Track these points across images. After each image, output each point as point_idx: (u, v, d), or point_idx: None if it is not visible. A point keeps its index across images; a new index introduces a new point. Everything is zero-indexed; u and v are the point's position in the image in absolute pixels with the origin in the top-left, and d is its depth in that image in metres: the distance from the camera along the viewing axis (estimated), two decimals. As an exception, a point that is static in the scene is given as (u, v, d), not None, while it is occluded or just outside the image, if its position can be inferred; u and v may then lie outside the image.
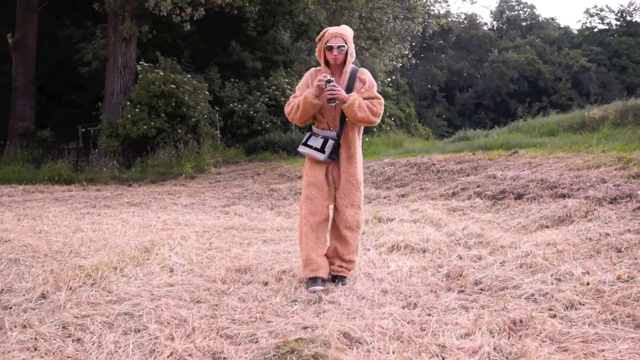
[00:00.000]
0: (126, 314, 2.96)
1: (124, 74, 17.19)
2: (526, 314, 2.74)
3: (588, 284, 3.07)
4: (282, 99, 20.35)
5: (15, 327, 2.78)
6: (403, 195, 7.94)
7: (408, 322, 2.78)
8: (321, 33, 3.95)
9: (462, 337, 2.57)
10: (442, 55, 51.04)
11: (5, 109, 21.21)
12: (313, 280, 3.72)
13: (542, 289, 3.10)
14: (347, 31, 3.94)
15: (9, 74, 21.31)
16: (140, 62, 17.05)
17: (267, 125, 19.93)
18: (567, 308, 2.83)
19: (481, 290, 3.27)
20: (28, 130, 20.52)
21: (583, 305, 2.83)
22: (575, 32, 58.85)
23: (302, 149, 4.01)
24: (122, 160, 16.35)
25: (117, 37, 16.84)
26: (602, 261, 3.48)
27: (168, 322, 2.83)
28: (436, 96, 51.02)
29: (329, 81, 3.70)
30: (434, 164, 9.64)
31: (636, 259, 3.42)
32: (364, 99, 3.86)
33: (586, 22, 58.58)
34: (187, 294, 3.39)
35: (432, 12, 19.91)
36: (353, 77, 3.94)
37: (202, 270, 4.04)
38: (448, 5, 64.20)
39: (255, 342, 2.56)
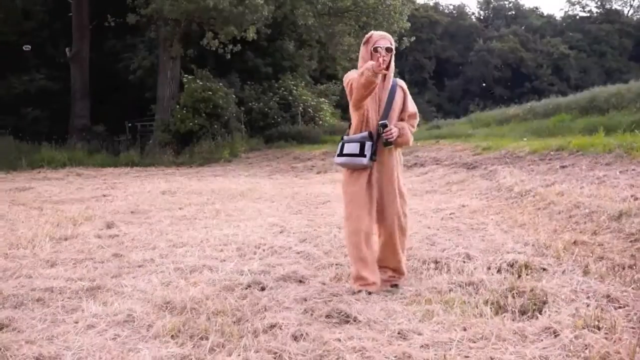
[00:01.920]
0: (267, 199, 10.06)
1: (171, 84, 24.25)
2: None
3: (410, 187, 10.20)
4: (290, 97, 27.51)
5: (237, 201, 9.86)
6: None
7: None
8: (367, 36, 4.17)
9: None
10: (432, 45, 58.04)
11: (65, 108, 28.20)
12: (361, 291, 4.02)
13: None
14: (390, 36, 4.17)
15: (68, 80, 28.30)
16: (185, 75, 24.09)
17: (279, 120, 27.04)
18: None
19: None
20: (85, 126, 27.51)
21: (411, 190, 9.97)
22: (559, 19, 65.85)
23: (339, 160, 4.22)
24: (174, 149, 23.49)
25: (166, 56, 23.86)
26: (423, 183, 10.62)
27: (281, 199, 9.93)
28: (427, 83, 58.13)
29: (384, 125, 4.02)
30: (392, 149, 16.96)
31: (432, 181, 10.62)
32: (409, 115, 4.27)
33: (568, 10, 65.68)
34: (282, 195, 10.44)
35: (406, 29, 26.76)
36: (395, 85, 4.20)
37: (280, 192, 11.10)
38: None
39: (308, 203, 9.70)
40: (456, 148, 14.34)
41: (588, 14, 64.23)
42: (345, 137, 4.26)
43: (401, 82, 4.32)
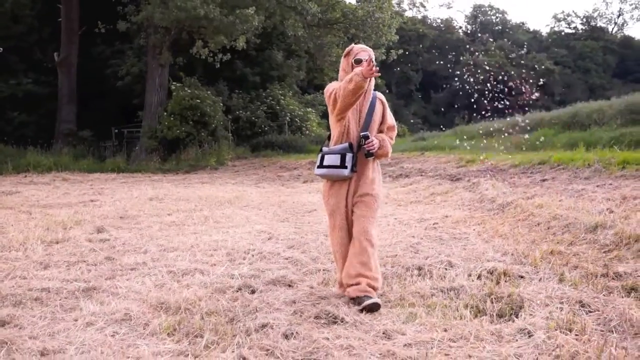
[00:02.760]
0: (254, 207, 10.24)
1: (159, 90, 24.39)
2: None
3: (395, 198, 10.42)
4: (277, 107, 27.75)
5: (225, 208, 10.04)
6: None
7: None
8: (348, 48, 4.27)
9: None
10: (419, 58, 58.60)
11: (52, 113, 28.22)
12: (361, 297, 3.98)
13: (385, 201, 10.47)
14: (371, 49, 4.25)
15: (55, 85, 28.32)
16: (173, 83, 24.24)
17: (266, 129, 27.24)
18: (386, 203, 10.17)
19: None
20: (72, 131, 27.54)
21: (388, 203, 10.19)
22: (545, 35, 66.79)
23: (319, 171, 4.25)
24: (160, 155, 23.60)
25: (155, 63, 24.01)
26: (408, 194, 10.87)
27: (268, 207, 10.12)
28: (413, 95, 58.65)
29: (366, 137, 4.08)
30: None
31: (417, 193, 10.87)
32: (387, 127, 4.34)
33: (554, 27, 66.64)
34: (269, 203, 10.65)
35: (394, 41, 27.15)
36: (374, 97, 4.28)
37: (267, 199, 11.30)
38: (426, 10, 71.80)
39: (294, 211, 9.90)
40: (441, 160, 14.62)
41: (573, 31, 65.22)
42: (324, 149, 4.30)
43: (380, 95, 4.40)
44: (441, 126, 42.67)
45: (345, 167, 4.10)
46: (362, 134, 4.13)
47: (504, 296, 4.00)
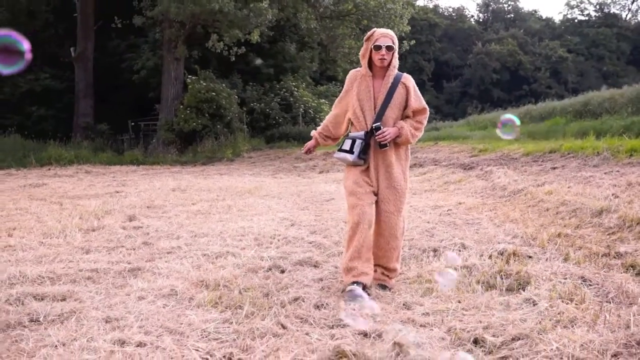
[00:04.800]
0: (274, 196, 10.68)
1: (175, 84, 24.88)
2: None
3: (410, 187, 10.84)
4: (291, 98, 28.19)
5: (246, 198, 10.49)
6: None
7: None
8: (369, 33, 4.19)
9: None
10: (431, 48, 58.79)
11: (70, 107, 28.84)
12: (353, 283, 4.04)
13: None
14: (394, 34, 4.17)
15: (72, 80, 28.92)
16: (189, 76, 24.71)
17: (280, 120, 27.70)
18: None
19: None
20: (89, 125, 28.14)
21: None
22: (557, 22, 66.63)
23: (335, 155, 4.34)
24: (178, 148, 24.12)
25: (170, 57, 24.48)
26: (423, 183, 11.27)
27: (289, 196, 10.56)
28: (425, 85, 58.83)
29: (377, 128, 4.08)
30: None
31: (430, 181, 11.27)
32: (413, 111, 4.23)
33: (567, 14, 66.50)
34: (288, 193, 11.09)
35: (406, 32, 27.44)
36: (397, 81, 4.17)
37: (286, 190, 11.73)
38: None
39: (315, 200, 10.35)
40: (454, 150, 14.99)
41: (586, 18, 65.06)
42: (349, 134, 4.30)
43: (405, 78, 4.26)
44: (454, 116, 43.01)
45: (352, 153, 4.13)
46: (373, 125, 4.11)
47: (513, 273, 4.41)
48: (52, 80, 29.50)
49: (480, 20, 67.31)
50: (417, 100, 4.28)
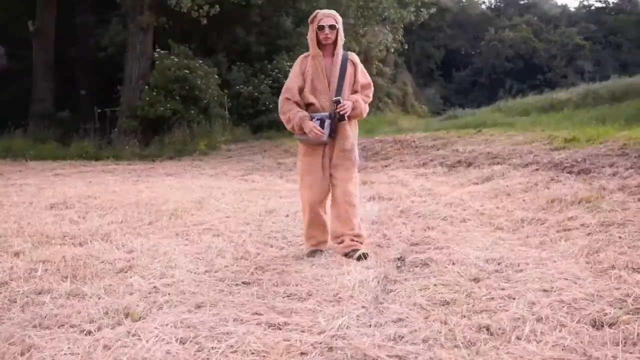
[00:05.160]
0: (208, 228, 5.18)
1: (141, 60, 19.30)
2: (436, 224, 4.99)
3: (477, 210, 5.31)
4: (285, 81, 22.47)
5: (152, 234, 4.99)
6: (386, 166, 10.21)
7: (369, 230, 5.02)
8: (312, 15, 4.24)
9: (400, 233, 4.82)
10: (440, 34, 52.88)
11: (26, 92, 23.29)
12: (313, 252, 4.19)
13: (451, 214, 5.35)
14: (337, 14, 4.23)
15: (29, 59, 23.36)
16: (157, 50, 19.13)
17: (271, 106, 22.00)
18: (460, 221, 5.07)
19: (417, 216, 5.51)
20: (48, 112, 22.63)
21: (470, 220, 5.08)
22: (573, 10, 60.70)
23: (299, 136, 4.21)
24: (140, 138, 18.55)
25: (135, 27, 18.92)
26: (494, 200, 5.73)
27: (234, 231, 5.05)
28: (433, 74, 53.01)
29: (337, 101, 4.03)
30: (414, 141, 11.91)
31: (512, 196, 5.68)
32: (361, 86, 4.24)
33: (584, 1, 60.43)
34: (240, 220, 5.60)
35: (424, 1, 21.87)
36: (345, 59, 4.19)
37: (243, 211, 6.25)
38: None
39: (285, 238, 4.79)
40: (516, 140, 9.40)
41: (604, 4, 58.96)
42: (311, 115, 4.14)
43: (352, 56, 4.31)
44: (463, 107, 37.13)
45: (323, 133, 4.05)
46: (333, 99, 4.10)
47: None
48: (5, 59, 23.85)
49: (492, 6, 61.22)
50: (364, 76, 4.35)
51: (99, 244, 4.53)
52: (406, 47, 25.53)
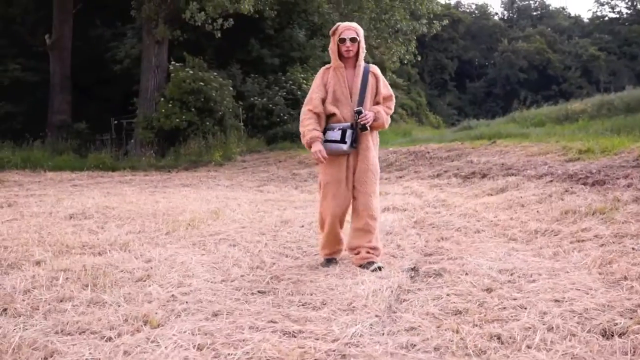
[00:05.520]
0: (224, 239, 5.25)
1: (157, 72, 19.52)
2: (450, 235, 5.03)
3: (491, 221, 5.34)
4: (299, 92, 22.59)
5: (169, 244, 5.07)
6: (400, 177, 10.26)
7: (383, 240, 5.07)
8: (334, 27, 4.21)
9: (414, 244, 4.86)
10: (453, 45, 52.93)
11: (44, 103, 23.59)
12: (328, 260, 4.27)
13: (465, 225, 5.38)
14: (358, 26, 4.22)
15: (47, 72, 23.66)
16: (172, 62, 19.33)
17: (285, 117, 22.14)
18: (474, 232, 5.10)
19: (432, 226, 5.55)
20: (65, 123, 22.90)
21: (484, 231, 5.11)
22: (586, 21, 60.45)
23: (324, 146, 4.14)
24: (156, 149, 18.73)
25: (150, 39, 19.16)
26: (508, 211, 5.76)
27: (250, 241, 5.12)
28: (447, 85, 53.04)
29: (359, 112, 4.06)
30: (428, 152, 11.94)
31: (526, 207, 5.70)
32: (383, 97, 4.27)
33: (597, 11, 60.19)
34: (256, 230, 5.67)
35: (436, 12, 21.93)
36: (366, 71, 4.21)
37: (259, 222, 6.32)
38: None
39: (300, 248, 4.85)
40: (530, 151, 9.41)
41: (617, 15, 58.71)
42: (327, 125, 4.20)
43: (373, 68, 4.30)
44: (477, 117, 36.98)
45: (345, 143, 4.08)
46: (355, 109, 4.11)
47: None
48: (23, 71, 24.16)
49: (505, 17, 61.16)
50: (386, 87, 4.35)
51: (118, 253, 4.62)
52: (419, 58, 25.54)
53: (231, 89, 20.41)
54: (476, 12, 57.86)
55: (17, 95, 23.88)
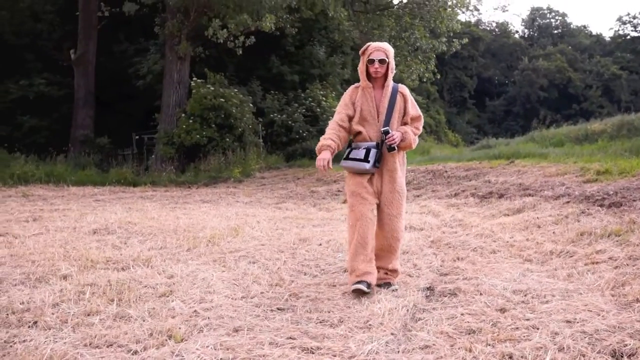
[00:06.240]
0: (244, 256, 5.38)
1: (178, 88, 19.84)
2: (466, 255, 5.11)
3: (507, 242, 5.42)
4: (318, 109, 22.84)
5: (190, 260, 5.22)
6: (418, 196, 10.33)
7: (400, 258, 5.16)
8: (364, 47, 4.21)
9: (430, 264, 4.96)
10: (473, 63, 52.94)
11: (67, 118, 24.01)
12: (358, 282, 3.97)
13: (482, 245, 5.46)
14: (388, 47, 4.21)
15: (71, 86, 24.13)
16: (194, 78, 19.64)
17: (304, 134, 22.35)
18: (490, 253, 5.18)
19: (448, 246, 5.64)
20: (88, 138, 23.26)
21: (499, 251, 5.19)
22: (608, 39, 60.12)
23: (345, 163, 4.19)
24: (177, 165, 18.99)
25: (173, 56, 19.50)
26: (524, 232, 5.83)
27: (269, 259, 5.25)
28: (466, 103, 52.94)
29: (386, 132, 4.05)
30: (446, 171, 12.01)
31: (542, 228, 5.77)
32: (411, 118, 4.24)
33: (619, 30, 59.84)
34: (275, 248, 5.80)
35: (456, 31, 22.07)
36: (395, 91, 4.21)
37: (277, 239, 6.45)
38: (480, 14, 65.95)
39: (318, 266, 4.97)
40: (548, 171, 9.46)
41: (639, 34, 58.32)
42: (353, 144, 4.25)
43: (402, 88, 4.30)
44: (497, 136, 36.90)
45: (368, 162, 4.08)
46: (382, 129, 4.11)
47: None
48: (48, 86, 24.66)
49: (525, 35, 61.11)
50: (414, 108, 4.33)
51: (141, 269, 4.77)
52: (439, 76, 25.67)
53: (251, 105, 20.68)
54: (496, 30, 57.91)
55: (41, 110, 24.35)
